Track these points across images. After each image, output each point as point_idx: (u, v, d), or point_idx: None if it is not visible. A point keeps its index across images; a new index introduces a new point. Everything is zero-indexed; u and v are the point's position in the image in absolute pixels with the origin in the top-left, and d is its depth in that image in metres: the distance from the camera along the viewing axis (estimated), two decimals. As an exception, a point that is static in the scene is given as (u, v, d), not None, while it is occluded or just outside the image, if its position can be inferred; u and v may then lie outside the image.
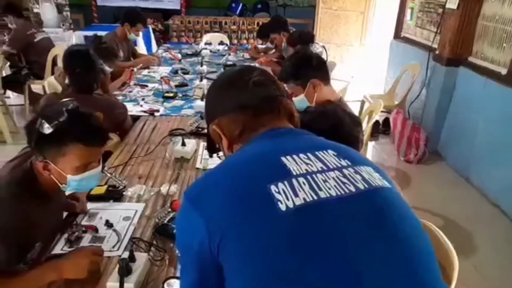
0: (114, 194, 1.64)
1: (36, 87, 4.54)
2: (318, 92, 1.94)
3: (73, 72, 2.13)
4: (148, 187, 1.72)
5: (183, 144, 2.01)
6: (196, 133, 2.25)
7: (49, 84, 3.04)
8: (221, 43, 5.27)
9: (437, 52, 3.80)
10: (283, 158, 0.74)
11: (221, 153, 1.03)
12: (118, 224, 1.47)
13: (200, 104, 2.69)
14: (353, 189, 0.71)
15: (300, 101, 1.93)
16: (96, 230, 1.43)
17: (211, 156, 1.97)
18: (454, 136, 3.66)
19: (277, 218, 0.65)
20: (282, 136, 0.85)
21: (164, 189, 1.70)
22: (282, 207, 0.66)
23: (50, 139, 1.13)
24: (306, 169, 0.73)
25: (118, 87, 3.03)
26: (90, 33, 5.93)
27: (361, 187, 0.72)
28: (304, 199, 0.67)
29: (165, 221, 1.44)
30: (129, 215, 1.53)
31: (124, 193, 1.66)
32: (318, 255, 0.63)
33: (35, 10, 6.21)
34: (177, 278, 1.19)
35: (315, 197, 0.68)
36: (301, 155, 0.76)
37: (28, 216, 1.16)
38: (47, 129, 1.11)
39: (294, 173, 0.71)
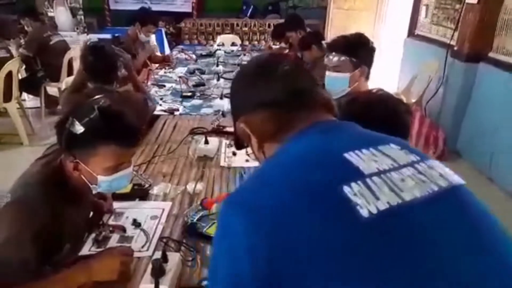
0: (140, 193, 1.61)
1: (52, 89, 4.57)
2: (359, 81, 1.82)
3: (89, 65, 2.11)
4: (173, 186, 1.68)
5: (206, 142, 1.98)
6: (217, 131, 2.21)
7: (67, 85, 3.03)
8: (233, 44, 5.25)
9: (455, 48, 3.73)
10: (346, 155, 0.65)
11: (249, 149, 0.95)
12: (145, 223, 1.44)
13: (219, 103, 2.67)
14: (435, 187, 0.62)
15: (341, 79, 1.81)
16: (124, 230, 1.39)
17: (234, 154, 1.98)
18: (475, 134, 3.58)
19: (360, 226, 0.55)
20: (332, 130, 0.75)
21: (190, 187, 1.66)
22: (364, 213, 0.56)
23: (81, 139, 1.09)
24: (377, 168, 0.63)
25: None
26: (104, 35, 5.99)
27: (443, 184, 0.63)
28: (388, 202, 0.58)
29: (195, 220, 1.40)
30: (157, 214, 1.50)
31: (149, 191, 1.63)
32: (411, 268, 0.54)
33: (50, 14, 6.28)
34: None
35: (400, 200, 0.59)
36: (364, 151, 0.66)
37: (58, 216, 1.13)
38: (77, 128, 1.08)
39: (366, 172, 0.62)
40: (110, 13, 7.33)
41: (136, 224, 1.42)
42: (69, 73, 4.57)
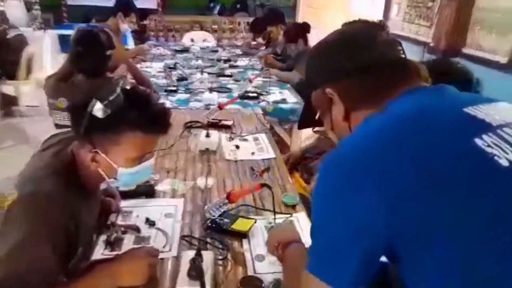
0: (146, 190, 1.45)
1: (8, 88, 4.18)
2: None
3: (78, 52, 1.92)
4: (181, 181, 1.54)
5: (207, 135, 1.85)
6: (215, 125, 2.08)
7: (38, 82, 2.75)
8: (205, 41, 5.12)
9: (431, 45, 3.82)
10: (466, 110, 0.63)
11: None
12: (159, 221, 1.28)
13: (209, 97, 2.53)
14: None
15: None
16: (138, 229, 1.24)
17: (238, 147, 1.86)
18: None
19: (501, 175, 0.54)
20: (439, 91, 0.72)
21: (200, 182, 1.52)
22: (503, 162, 0.55)
23: (104, 126, 0.94)
24: (503, 120, 0.61)
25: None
26: (64, 31, 5.61)
27: None
28: None
29: (216, 216, 1.27)
30: (170, 211, 1.35)
31: (156, 188, 1.48)
32: None
33: (0, 8, 5.78)
34: (252, 277, 1.04)
35: None
36: (482, 106, 0.64)
37: (74, 214, 0.96)
38: (101, 112, 0.92)
39: (494, 124, 0.60)
40: (67, 8, 6.91)
41: (150, 223, 1.27)
42: (29, 71, 4.22)
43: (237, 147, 1.88)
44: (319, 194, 0.66)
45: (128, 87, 0.99)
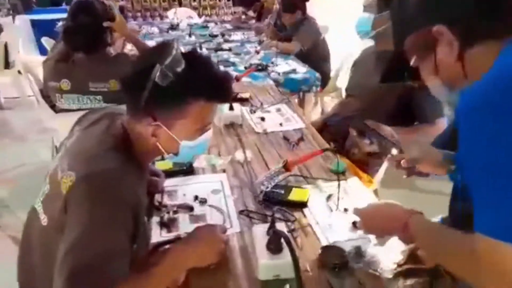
0: (185, 168, 1.36)
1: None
2: None
3: (69, 28, 1.76)
4: (217, 156, 1.45)
5: (231, 108, 1.76)
6: (233, 98, 1.98)
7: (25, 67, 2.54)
8: (190, 17, 4.93)
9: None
10: None
11: None
12: (209, 199, 1.21)
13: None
14: None
15: None
16: (191, 208, 1.15)
17: (263, 119, 1.78)
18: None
19: None
20: None
21: (239, 155, 1.44)
22: None
23: (167, 94, 0.84)
24: None
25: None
26: (34, 17, 5.28)
27: None
28: None
29: (269, 188, 1.20)
30: (217, 187, 1.27)
31: (194, 165, 1.39)
32: None
33: (-40, -7, 5.36)
34: (332, 247, 0.98)
35: None
36: None
37: (136, 192, 0.87)
38: (166, 80, 0.82)
39: None
40: (36, -7, 6.48)
41: (201, 200, 1.19)
42: (7, 60, 3.96)
43: (263, 119, 1.80)
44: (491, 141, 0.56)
45: (191, 52, 0.89)
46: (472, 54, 0.68)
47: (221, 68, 2.43)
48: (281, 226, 0.99)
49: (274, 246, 0.90)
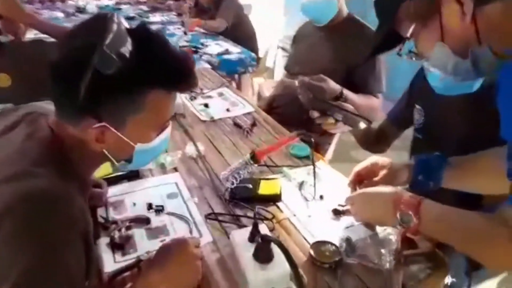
0: (128, 171, 1.14)
1: None
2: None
3: None
4: (163, 153, 1.25)
5: (170, 97, 1.55)
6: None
7: None
8: None
9: None
10: None
11: None
12: (166, 205, 1.02)
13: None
14: None
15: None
16: (146, 220, 0.96)
17: (206, 106, 1.60)
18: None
19: None
20: None
21: (190, 150, 1.26)
22: None
23: (117, 85, 0.63)
24: None
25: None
26: None
27: None
28: None
29: (236, 184, 1.05)
30: (172, 190, 1.08)
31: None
32: None
33: None
34: (321, 243, 0.87)
35: None
36: None
37: (84, 215, 0.66)
38: (112, 65, 0.61)
39: None
40: None
41: (157, 209, 1.00)
42: None
43: (206, 105, 1.62)
44: None
45: (140, 28, 0.69)
46: (487, 12, 0.59)
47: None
48: (263, 228, 0.85)
49: (263, 254, 0.76)
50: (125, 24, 0.68)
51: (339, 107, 1.16)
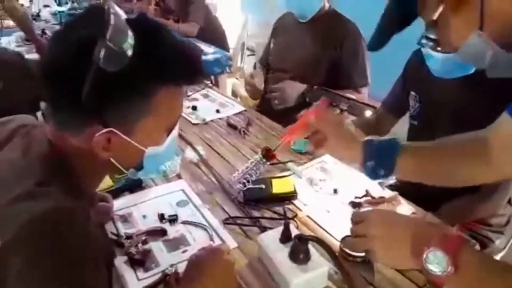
0: (132, 183, 1.07)
1: None
2: None
3: None
4: (163, 161, 1.19)
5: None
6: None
7: None
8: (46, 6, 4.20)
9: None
10: None
11: None
12: (179, 214, 0.96)
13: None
14: None
15: None
16: (163, 232, 0.90)
17: (194, 108, 1.55)
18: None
19: None
20: None
21: (190, 154, 1.21)
22: None
23: (124, 84, 0.57)
24: None
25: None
26: None
27: None
28: None
29: (248, 186, 1.01)
30: (181, 198, 1.03)
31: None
32: None
33: None
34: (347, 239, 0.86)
35: None
36: None
37: (95, 236, 0.60)
38: (118, 61, 0.55)
39: None
40: None
41: (171, 219, 0.94)
42: None
43: (194, 108, 1.57)
44: None
45: (139, 19, 0.63)
46: None
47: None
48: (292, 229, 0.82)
49: (301, 255, 0.74)
50: (123, 15, 0.63)
51: (344, 96, 1.15)
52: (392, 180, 1.17)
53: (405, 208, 0.98)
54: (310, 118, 0.82)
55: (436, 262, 0.54)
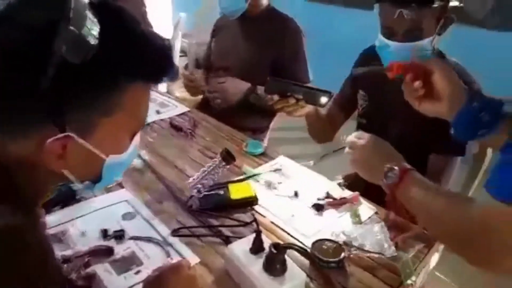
0: (63, 194, 0.91)
1: None
2: None
3: None
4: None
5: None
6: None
7: None
8: None
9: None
10: None
11: None
12: (126, 228, 0.83)
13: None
14: None
15: None
16: (110, 251, 0.77)
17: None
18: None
19: None
20: None
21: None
22: None
23: (87, 78, 0.46)
24: None
25: None
26: None
27: None
28: None
29: (204, 192, 0.92)
30: (127, 210, 0.90)
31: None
32: None
33: None
34: (320, 243, 0.80)
35: None
36: None
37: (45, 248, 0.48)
38: (83, 50, 0.45)
39: None
40: None
41: (116, 235, 0.81)
42: None
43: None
44: None
45: (102, 2, 0.51)
46: None
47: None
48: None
49: (277, 266, 0.66)
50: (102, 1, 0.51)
51: (298, 85, 1.10)
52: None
53: (365, 207, 0.96)
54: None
55: (391, 175, 0.69)
